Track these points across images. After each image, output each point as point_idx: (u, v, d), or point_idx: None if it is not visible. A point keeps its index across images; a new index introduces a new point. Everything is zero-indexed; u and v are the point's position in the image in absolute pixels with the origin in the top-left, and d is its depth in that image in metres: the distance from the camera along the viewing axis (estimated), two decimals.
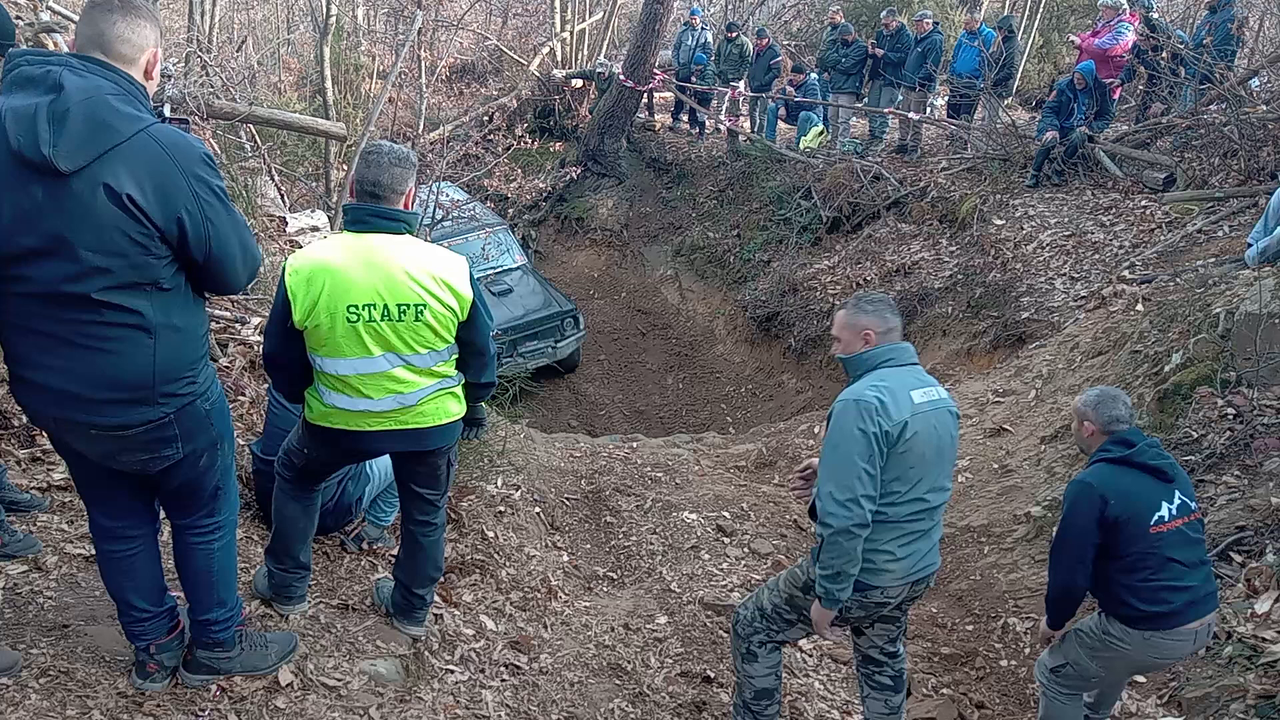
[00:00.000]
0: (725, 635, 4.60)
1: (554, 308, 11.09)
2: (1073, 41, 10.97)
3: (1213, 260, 7.35)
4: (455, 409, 3.14)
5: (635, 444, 7.77)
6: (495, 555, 4.59)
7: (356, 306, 2.82)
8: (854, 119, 13.83)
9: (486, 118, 16.11)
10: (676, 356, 12.53)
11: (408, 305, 2.86)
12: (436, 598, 3.84)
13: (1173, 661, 3.72)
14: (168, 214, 2.26)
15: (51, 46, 5.22)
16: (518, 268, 11.64)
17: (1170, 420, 5.48)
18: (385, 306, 2.84)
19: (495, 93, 18.09)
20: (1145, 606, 3.30)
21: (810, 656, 4.67)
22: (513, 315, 10.62)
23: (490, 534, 4.72)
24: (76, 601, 3.10)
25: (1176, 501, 3.34)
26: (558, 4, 18.31)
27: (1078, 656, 3.54)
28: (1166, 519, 3.31)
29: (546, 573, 4.76)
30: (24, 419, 3.75)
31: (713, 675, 4.25)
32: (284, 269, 2.85)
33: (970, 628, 5.04)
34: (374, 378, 2.93)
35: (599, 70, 16.24)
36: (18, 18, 5.78)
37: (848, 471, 2.96)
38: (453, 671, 3.65)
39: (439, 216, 11.00)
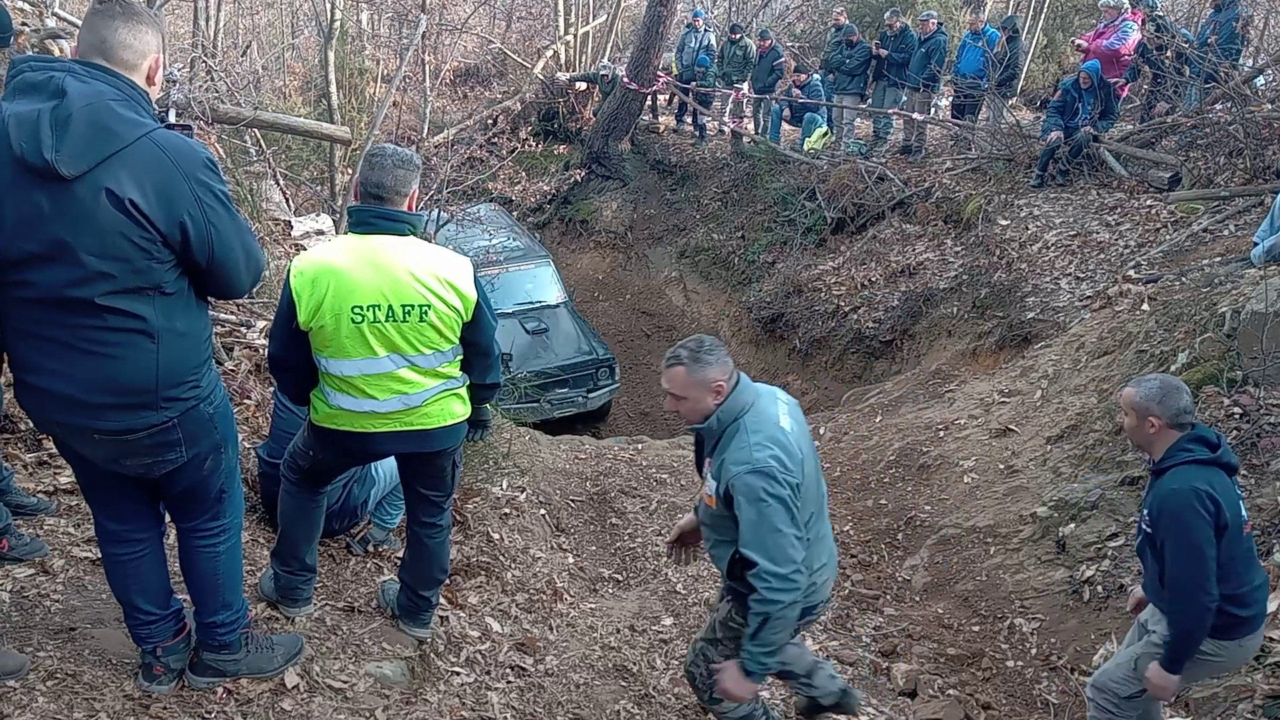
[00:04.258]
0: None
1: (589, 355, 10.41)
2: (1080, 46, 10.91)
3: (1218, 259, 7.33)
4: (460, 410, 3.15)
5: (640, 445, 7.77)
6: (500, 557, 4.59)
7: (361, 307, 2.83)
8: (858, 120, 13.83)
9: (491, 121, 16.15)
10: None
11: (412, 306, 2.87)
12: (442, 600, 3.85)
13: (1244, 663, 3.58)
14: (170, 218, 2.26)
15: (57, 52, 5.23)
16: (558, 304, 11.04)
17: None
18: (390, 307, 2.85)
19: (499, 96, 18.14)
20: (1243, 611, 3.16)
21: None
22: (544, 361, 10.06)
23: (495, 536, 4.72)
24: (83, 604, 3.11)
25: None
26: (561, 7, 18.34)
27: None
28: (1246, 518, 3.20)
29: (552, 574, 4.76)
30: (30, 423, 3.76)
31: None
32: (289, 271, 2.86)
33: (976, 628, 5.03)
34: (379, 379, 2.94)
35: (603, 73, 16.26)
36: (23, 24, 5.81)
37: (780, 543, 2.80)
38: (458, 673, 3.65)
39: (443, 219, 10.98)
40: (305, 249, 6.44)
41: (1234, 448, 5.04)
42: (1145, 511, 3.30)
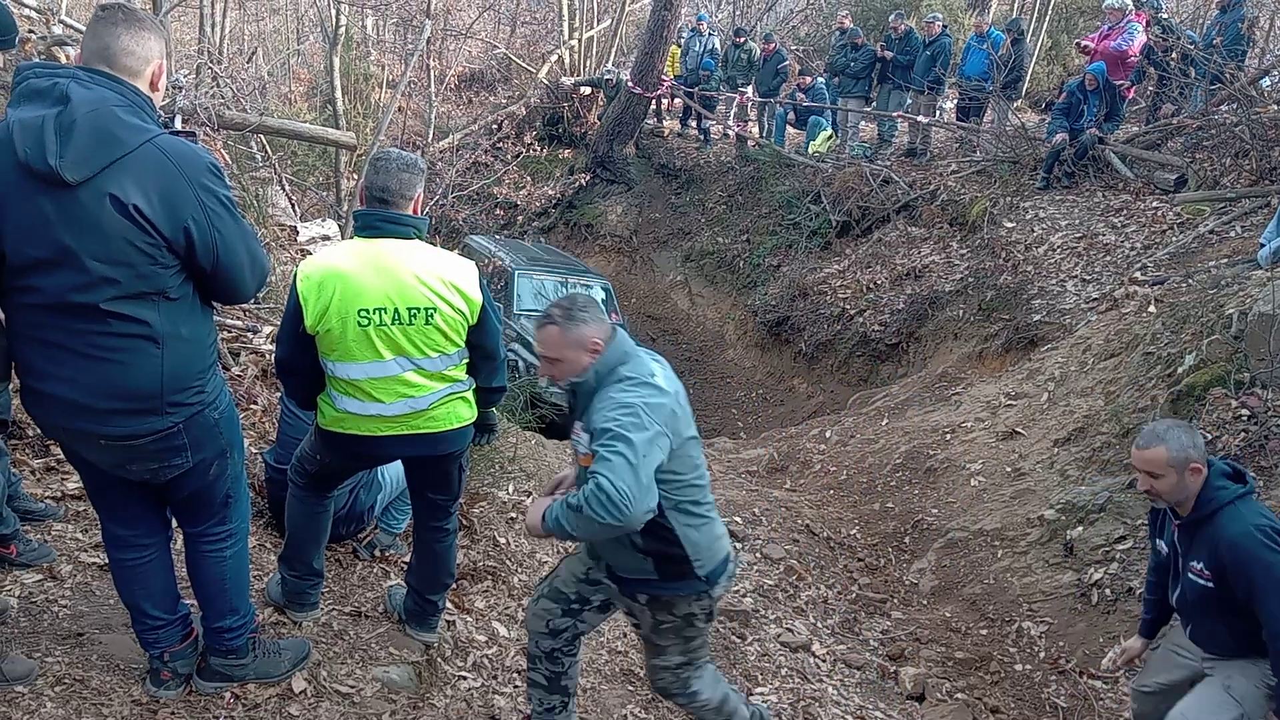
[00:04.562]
0: (738, 641, 4.59)
1: None
2: (1087, 46, 10.86)
3: (1225, 261, 7.31)
4: (466, 414, 3.15)
5: None
6: (507, 561, 4.58)
7: (367, 311, 2.84)
8: (863, 123, 13.84)
9: (496, 126, 16.20)
10: (687, 362, 12.54)
11: (418, 309, 2.87)
12: (449, 604, 3.84)
13: None
14: (175, 224, 2.27)
15: (64, 60, 5.25)
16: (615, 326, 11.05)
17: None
18: (396, 310, 2.85)
19: (504, 101, 18.17)
20: None
21: (824, 662, 4.65)
22: None
23: (502, 540, 4.72)
24: (91, 610, 3.11)
25: None
26: (566, 12, 18.38)
27: (1255, 706, 3.13)
28: None
29: None
30: (38, 429, 3.77)
31: (726, 680, 4.23)
32: (295, 275, 2.87)
33: (984, 632, 5.02)
34: (385, 382, 2.94)
35: (607, 77, 16.29)
36: (30, 31, 5.83)
37: (628, 471, 2.53)
38: (465, 678, 3.64)
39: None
40: (311, 254, 6.46)
41: (1242, 450, 5.03)
42: (1196, 563, 3.10)
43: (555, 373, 2.83)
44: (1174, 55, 10.39)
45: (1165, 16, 11.10)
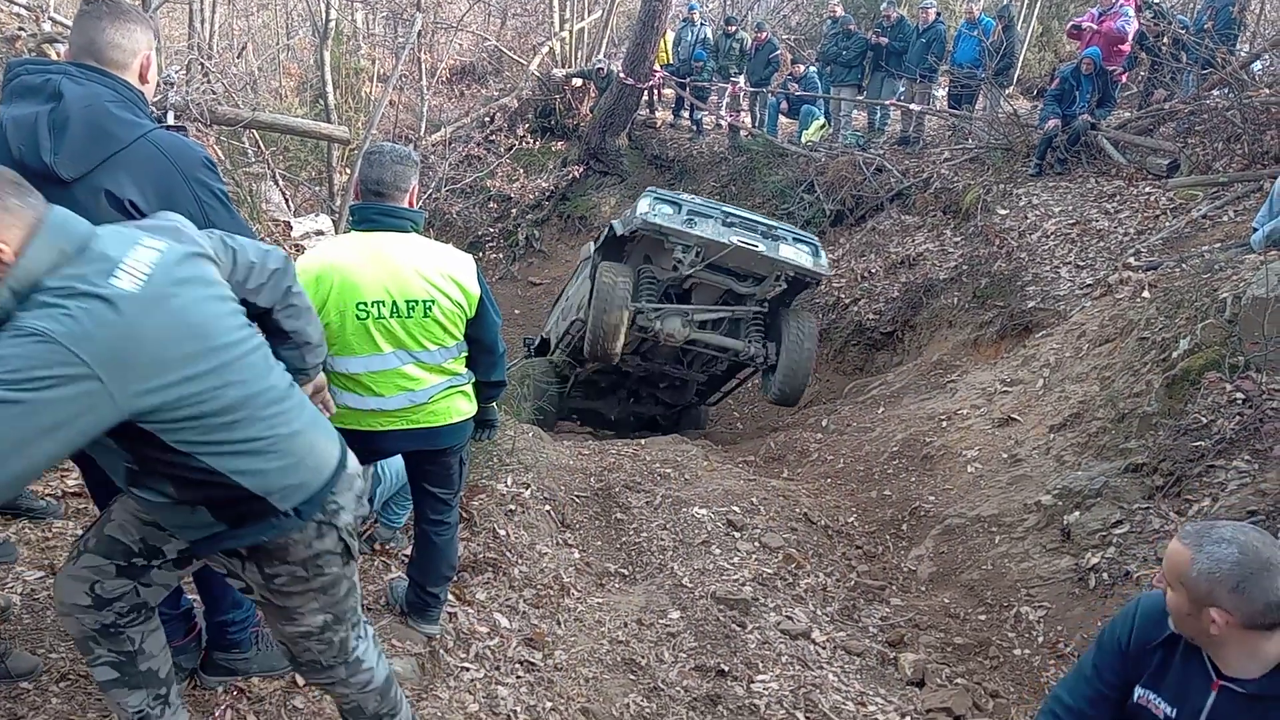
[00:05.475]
0: (738, 629, 4.61)
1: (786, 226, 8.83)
2: (1089, 28, 10.78)
3: (1218, 245, 7.33)
4: (465, 407, 3.16)
5: (643, 441, 7.78)
6: (507, 553, 4.60)
7: (365, 304, 2.84)
8: (855, 111, 13.83)
9: (488, 118, 16.17)
10: None
11: (416, 301, 2.88)
12: (450, 596, 3.85)
13: None
14: None
15: (55, 57, 5.24)
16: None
17: (1180, 406, 5.47)
18: (394, 303, 2.86)
19: (496, 93, 18.12)
20: None
21: (824, 649, 4.67)
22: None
23: (502, 532, 4.73)
24: None
25: None
26: (556, 3, 18.32)
27: None
28: None
29: (559, 570, 4.77)
30: None
31: (726, 669, 4.25)
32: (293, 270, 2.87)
33: (983, 617, 5.04)
34: (385, 375, 2.95)
35: (598, 68, 16.25)
36: (20, 29, 5.81)
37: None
38: (468, 669, 3.66)
39: None
40: (305, 249, 6.45)
41: (1237, 433, 5.05)
42: None
43: None
44: (1165, 40, 10.40)
45: (1156, 1, 11.11)
